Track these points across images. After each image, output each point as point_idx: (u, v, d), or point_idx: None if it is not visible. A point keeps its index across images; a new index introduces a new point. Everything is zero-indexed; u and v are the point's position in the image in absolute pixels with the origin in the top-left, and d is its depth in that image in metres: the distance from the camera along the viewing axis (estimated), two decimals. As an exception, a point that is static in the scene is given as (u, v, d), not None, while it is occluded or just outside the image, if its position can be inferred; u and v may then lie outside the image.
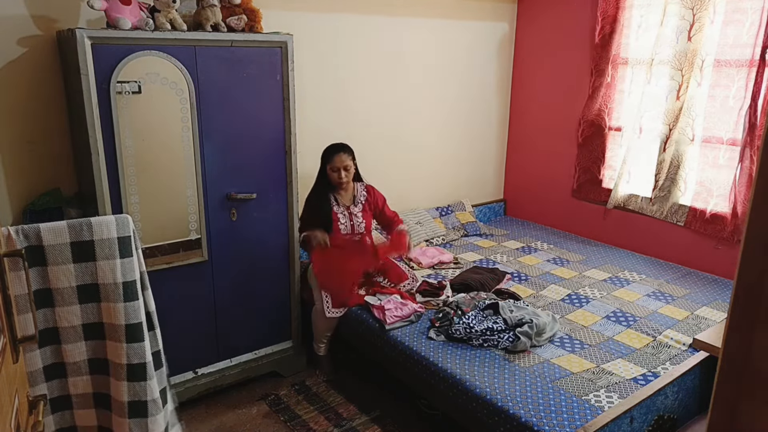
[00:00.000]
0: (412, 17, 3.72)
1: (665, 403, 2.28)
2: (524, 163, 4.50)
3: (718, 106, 3.22)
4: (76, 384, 1.83)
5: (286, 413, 2.79)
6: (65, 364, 1.80)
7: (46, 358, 1.77)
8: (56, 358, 1.79)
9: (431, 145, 4.10)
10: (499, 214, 4.66)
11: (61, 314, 1.74)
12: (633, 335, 2.67)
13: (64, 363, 1.80)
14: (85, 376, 1.84)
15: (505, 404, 2.16)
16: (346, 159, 3.01)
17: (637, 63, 3.61)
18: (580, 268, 3.49)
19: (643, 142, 3.64)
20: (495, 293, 3.00)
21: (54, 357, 1.78)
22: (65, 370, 1.81)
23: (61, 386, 1.82)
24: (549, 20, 4.08)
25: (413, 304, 2.86)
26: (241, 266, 2.80)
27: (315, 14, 3.28)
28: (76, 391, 1.84)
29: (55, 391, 1.82)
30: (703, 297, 3.07)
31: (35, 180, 2.58)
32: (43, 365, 1.76)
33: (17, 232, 1.61)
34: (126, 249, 1.78)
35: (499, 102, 4.43)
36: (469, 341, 2.56)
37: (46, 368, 1.78)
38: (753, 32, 2.99)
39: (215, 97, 2.54)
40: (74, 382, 1.83)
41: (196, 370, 2.79)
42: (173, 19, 2.40)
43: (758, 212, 0.85)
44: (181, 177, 2.55)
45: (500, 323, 2.58)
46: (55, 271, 1.69)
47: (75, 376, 1.83)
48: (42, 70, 2.51)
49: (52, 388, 1.81)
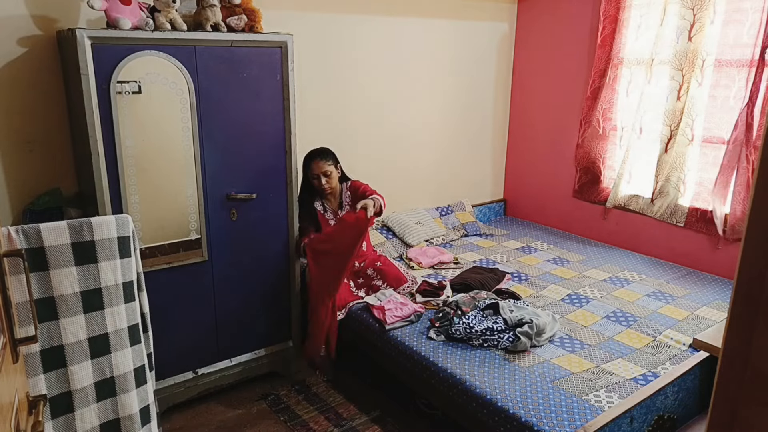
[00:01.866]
0: (412, 17, 3.72)
1: (665, 403, 2.28)
2: (524, 163, 4.50)
3: (719, 106, 3.22)
4: (83, 418, 1.76)
5: (286, 413, 2.79)
6: (72, 393, 1.73)
7: (51, 385, 1.69)
8: (62, 386, 1.71)
9: (431, 145, 4.10)
10: (499, 214, 4.66)
11: (66, 326, 1.69)
12: (633, 335, 2.67)
13: (71, 392, 1.73)
14: (93, 405, 1.77)
15: (505, 404, 2.16)
16: (324, 165, 2.95)
17: (637, 63, 3.61)
18: (580, 268, 3.49)
19: (643, 142, 3.64)
20: (495, 293, 3.00)
21: (60, 385, 1.71)
22: (72, 402, 1.73)
23: (67, 424, 1.75)
24: (549, 20, 4.08)
25: (413, 304, 2.86)
26: (241, 266, 2.80)
27: (315, 14, 3.28)
28: (84, 428, 1.77)
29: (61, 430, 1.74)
30: (703, 297, 3.07)
31: (35, 180, 2.58)
32: (49, 396, 1.68)
33: (17, 232, 1.61)
34: (125, 249, 1.78)
35: (499, 102, 4.43)
36: (469, 341, 2.56)
37: (52, 401, 1.69)
38: (753, 32, 2.99)
39: (215, 97, 2.54)
40: (81, 416, 1.75)
41: (196, 370, 2.79)
42: (173, 19, 2.40)
43: (758, 212, 0.85)
44: (181, 177, 2.55)
45: (500, 323, 2.58)
46: (58, 275, 1.66)
47: (83, 407, 1.75)
48: (42, 70, 2.51)
49: (58, 427, 1.72)
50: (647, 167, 3.63)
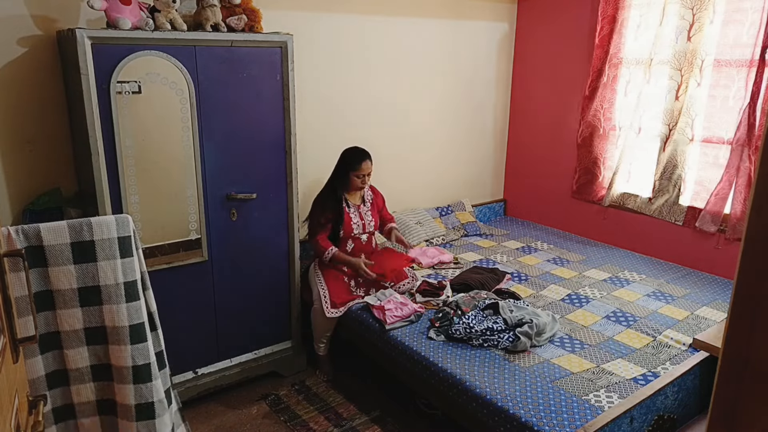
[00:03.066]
0: (412, 17, 3.72)
1: (665, 403, 2.28)
2: (524, 163, 4.50)
3: (718, 106, 3.22)
4: (79, 392, 1.80)
5: (286, 413, 2.79)
6: (68, 371, 1.77)
7: (48, 364, 1.74)
8: (58, 364, 1.76)
9: (431, 145, 4.10)
10: (499, 214, 4.66)
11: (62, 317, 1.72)
12: (633, 335, 2.67)
13: (66, 370, 1.77)
14: (89, 384, 1.81)
15: (505, 404, 2.16)
16: (371, 166, 3.07)
17: (636, 63, 3.61)
18: (580, 268, 3.49)
19: (642, 141, 3.63)
20: (495, 293, 3.00)
21: (56, 363, 1.76)
22: (68, 378, 1.78)
23: (63, 395, 1.79)
24: (549, 20, 4.08)
25: (413, 304, 2.86)
26: (241, 266, 2.80)
27: (315, 14, 3.28)
28: (79, 400, 1.81)
29: (58, 400, 1.78)
30: (703, 297, 3.07)
31: (35, 180, 2.58)
32: (45, 372, 1.73)
33: (17, 232, 1.61)
34: (126, 249, 1.77)
35: (499, 102, 4.43)
36: (468, 341, 2.56)
37: (49, 376, 1.75)
38: (753, 32, 2.99)
39: (215, 97, 2.54)
40: (77, 390, 1.80)
41: (196, 370, 2.79)
42: (173, 19, 2.40)
43: (758, 212, 0.85)
44: (181, 177, 2.55)
45: (500, 323, 2.58)
46: (56, 273, 1.67)
47: (78, 383, 1.80)
48: (42, 70, 2.51)
49: (54, 396, 1.77)
50: (647, 167, 3.63)
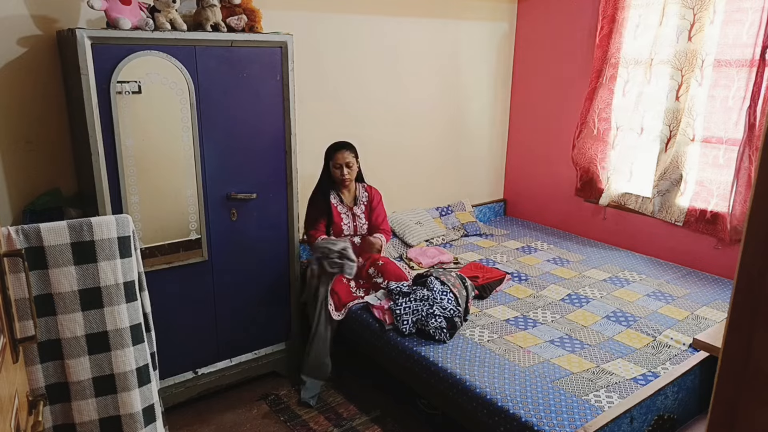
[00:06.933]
0: (412, 17, 3.72)
1: (665, 403, 2.28)
2: (524, 163, 4.50)
3: (718, 106, 3.22)
4: (80, 409, 1.73)
5: (286, 413, 2.79)
6: (69, 384, 1.71)
7: (48, 375, 1.68)
8: (59, 376, 1.70)
9: (431, 145, 4.10)
10: (499, 214, 4.66)
11: (63, 323, 1.68)
12: (633, 335, 2.67)
13: (67, 383, 1.71)
14: (91, 399, 1.74)
15: (505, 404, 2.16)
16: (348, 156, 3.05)
17: (635, 63, 3.61)
18: (580, 268, 3.49)
19: (643, 141, 3.63)
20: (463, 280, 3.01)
21: (56, 375, 1.70)
22: (69, 393, 1.72)
23: (64, 412, 1.73)
24: (549, 20, 4.08)
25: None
26: (241, 266, 2.80)
27: (315, 14, 3.28)
28: (81, 419, 1.73)
29: (59, 418, 1.72)
30: (703, 297, 3.07)
31: (35, 180, 2.58)
32: (45, 384, 1.68)
33: (17, 232, 1.60)
34: (126, 249, 1.77)
35: (499, 102, 4.43)
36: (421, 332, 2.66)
37: (49, 389, 1.69)
38: (753, 32, 2.99)
39: (215, 97, 2.54)
40: (78, 408, 1.73)
41: (196, 370, 2.79)
42: (173, 19, 2.40)
43: (758, 212, 0.85)
44: (181, 177, 2.55)
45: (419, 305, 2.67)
46: (56, 274, 1.66)
47: (79, 399, 1.73)
48: (42, 70, 2.51)
49: (55, 413, 1.71)
50: (647, 167, 3.63)
